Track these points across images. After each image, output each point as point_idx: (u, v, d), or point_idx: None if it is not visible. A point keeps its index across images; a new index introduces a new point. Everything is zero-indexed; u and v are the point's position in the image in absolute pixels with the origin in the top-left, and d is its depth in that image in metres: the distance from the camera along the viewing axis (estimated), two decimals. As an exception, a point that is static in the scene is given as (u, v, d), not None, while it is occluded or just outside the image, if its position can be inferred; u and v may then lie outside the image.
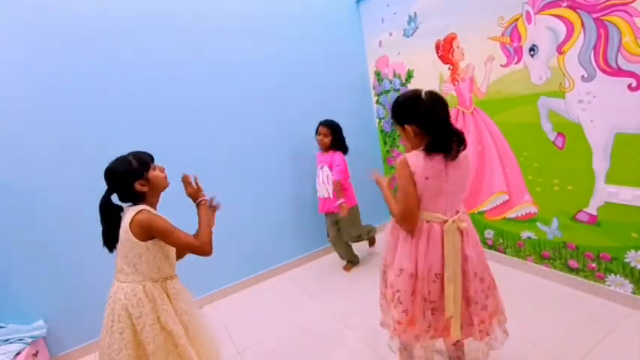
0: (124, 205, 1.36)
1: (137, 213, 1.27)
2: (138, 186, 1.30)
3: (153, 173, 1.34)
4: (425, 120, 1.24)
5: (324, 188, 2.59)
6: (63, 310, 2.17)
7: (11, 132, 2.01)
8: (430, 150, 1.22)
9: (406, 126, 1.27)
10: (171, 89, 2.41)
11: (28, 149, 2.05)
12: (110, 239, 1.33)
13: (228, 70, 2.59)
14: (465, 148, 1.27)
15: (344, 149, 2.62)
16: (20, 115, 2.02)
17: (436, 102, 1.25)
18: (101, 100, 2.21)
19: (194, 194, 1.47)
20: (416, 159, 1.23)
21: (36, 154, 2.07)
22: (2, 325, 2.01)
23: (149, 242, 1.29)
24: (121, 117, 2.26)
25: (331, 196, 2.56)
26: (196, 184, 1.49)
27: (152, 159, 1.38)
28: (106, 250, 1.94)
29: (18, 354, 1.86)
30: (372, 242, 2.95)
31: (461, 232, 1.28)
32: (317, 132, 2.60)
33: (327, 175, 2.57)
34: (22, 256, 2.06)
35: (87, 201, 2.17)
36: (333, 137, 2.57)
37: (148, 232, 1.27)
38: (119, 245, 1.32)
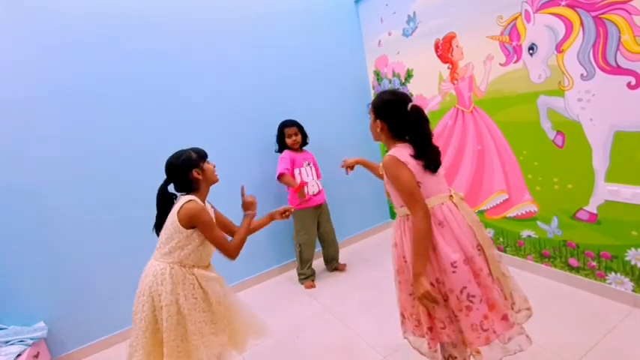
0: (178, 194, 1.51)
1: (187, 201, 1.41)
2: (195, 173, 1.47)
3: (207, 165, 1.52)
4: (398, 127, 1.30)
5: (315, 184, 2.60)
6: (64, 312, 2.17)
7: (13, 134, 2.01)
8: (426, 166, 1.26)
9: (378, 120, 1.34)
10: (171, 90, 2.41)
11: (30, 151, 2.05)
12: (160, 224, 1.47)
13: (225, 70, 2.59)
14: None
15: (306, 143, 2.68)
16: (19, 117, 2.02)
17: (420, 119, 1.28)
18: (101, 102, 2.21)
19: (249, 206, 1.66)
20: (401, 151, 1.26)
21: (38, 156, 2.07)
22: (3, 326, 2.02)
23: (189, 230, 1.41)
24: (120, 119, 2.26)
25: (321, 187, 2.62)
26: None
27: (206, 155, 1.56)
28: (106, 251, 1.98)
29: (19, 355, 1.86)
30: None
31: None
32: (285, 135, 2.55)
33: (315, 171, 2.63)
34: (23, 258, 2.06)
35: (89, 203, 2.20)
36: (302, 135, 2.61)
37: (191, 220, 1.40)
38: (164, 227, 1.45)
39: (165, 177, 1.49)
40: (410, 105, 1.27)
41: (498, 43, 2.14)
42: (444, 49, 2.48)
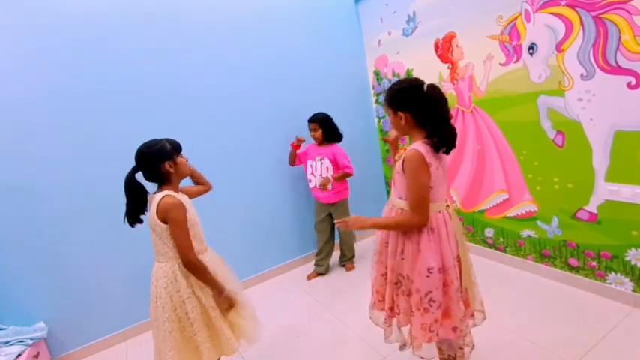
0: (148, 184, 1.46)
1: (163, 197, 1.37)
2: (167, 166, 1.41)
3: (180, 159, 1.48)
4: (423, 112, 1.24)
5: (321, 179, 2.61)
6: (64, 312, 2.17)
7: (13, 133, 2.01)
8: (437, 146, 1.23)
9: (400, 112, 1.26)
10: (171, 90, 2.41)
11: (30, 151, 2.04)
12: (133, 215, 1.43)
13: (225, 70, 2.59)
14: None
15: (338, 138, 2.66)
16: (20, 116, 2.02)
17: (439, 97, 1.24)
18: (101, 102, 2.21)
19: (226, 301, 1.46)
20: (425, 150, 1.22)
21: (39, 156, 2.06)
22: (3, 326, 2.01)
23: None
24: (121, 119, 2.26)
25: (330, 187, 2.61)
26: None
27: (181, 147, 1.50)
28: (107, 251, 1.94)
29: (19, 355, 1.86)
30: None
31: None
32: (309, 128, 2.65)
33: (327, 167, 2.61)
34: (23, 258, 2.06)
35: (89, 203, 2.20)
36: (324, 130, 2.61)
37: (164, 215, 1.36)
38: (152, 230, 1.42)
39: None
40: (426, 85, 1.24)
41: (498, 42, 2.14)
42: (444, 48, 2.48)
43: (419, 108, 1.24)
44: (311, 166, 2.67)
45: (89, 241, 2.21)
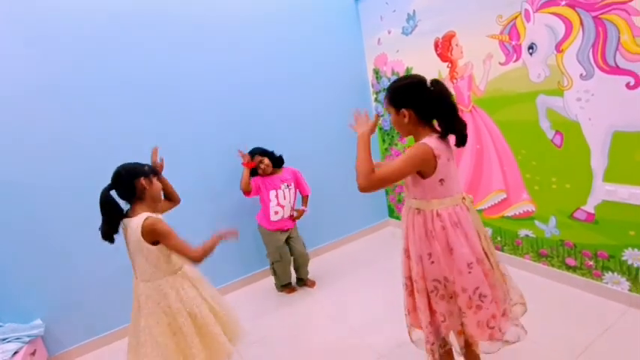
0: (123, 204, 1.45)
1: (144, 220, 1.37)
2: (142, 182, 1.43)
3: (156, 182, 1.51)
4: (427, 108, 1.23)
5: (290, 207, 2.48)
6: (61, 309, 2.17)
7: (11, 130, 1.99)
8: (461, 142, 1.23)
9: (403, 110, 1.24)
10: (170, 89, 2.40)
11: (27, 148, 2.03)
12: (110, 232, 1.41)
13: (225, 68, 2.58)
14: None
15: (282, 161, 2.51)
16: (18, 113, 2.01)
17: (444, 92, 1.22)
18: (99, 100, 2.20)
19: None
20: (436, 142, 1.20)
21: (36, 153, 2.05)
22: (0, 324, 2.01)
23: (160, 245, 1.41)
24: (119, 117, 2.25)
25: (292, 213, 2.53)
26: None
27: (159, 173, 1.57)
28: (104, 249, 1.89)
29: (16, 353, 1.86)
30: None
31: None
32: (255, 166, 2.42)
33: (294, 193, 2.51)
34: (20, 255, 2.05)
35: (86, 201, 2.18)
36: (269, 157, 2.44)
37: (153, 235, 1.38)
38: (134, 252, 1.43)
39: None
40: (429, 80, 1.22)
41: (498, 42, 2.14)
42: (444, 47, 2.48)
43: (422, 104, 1.22)
44: (277, 196, 2.42)
45: (87, 239, 2.19)
